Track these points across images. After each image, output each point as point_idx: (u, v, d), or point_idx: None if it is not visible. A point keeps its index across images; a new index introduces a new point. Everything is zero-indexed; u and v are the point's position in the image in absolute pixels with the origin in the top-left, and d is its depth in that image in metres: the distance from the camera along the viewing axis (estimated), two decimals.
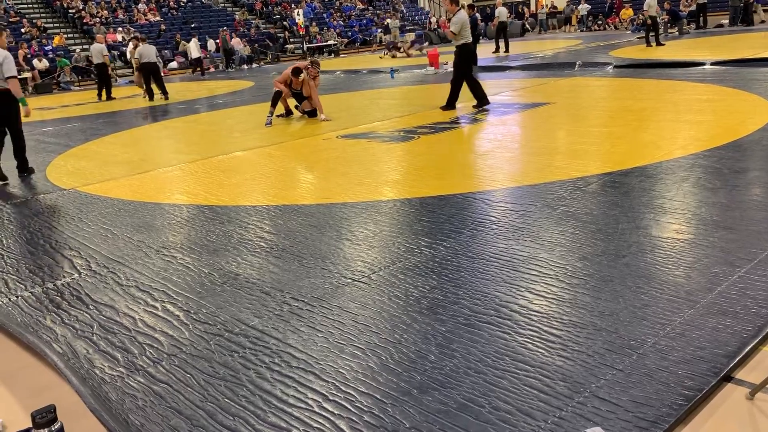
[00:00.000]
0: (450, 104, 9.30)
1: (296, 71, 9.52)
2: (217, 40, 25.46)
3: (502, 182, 5.20)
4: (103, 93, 15.83)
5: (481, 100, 9.26)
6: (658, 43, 16.59)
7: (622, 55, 14.98)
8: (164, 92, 15.13)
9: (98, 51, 15.84)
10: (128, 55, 17.07)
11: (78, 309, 3.42)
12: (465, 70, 9.20)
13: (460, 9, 9.14)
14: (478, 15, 16.89)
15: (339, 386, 2.46)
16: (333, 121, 9.26)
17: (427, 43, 24.30)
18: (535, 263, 3.44)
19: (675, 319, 2.71)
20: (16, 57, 21.32)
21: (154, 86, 15.16)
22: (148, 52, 15.27)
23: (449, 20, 9.62)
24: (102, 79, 15.79)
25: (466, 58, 9.23)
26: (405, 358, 2.61)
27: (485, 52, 18.97)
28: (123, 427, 2.33)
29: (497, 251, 3.66)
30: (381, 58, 23.24)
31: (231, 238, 4.38)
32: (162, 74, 16.32)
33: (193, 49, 23.32)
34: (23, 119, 7.09)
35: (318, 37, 29.75)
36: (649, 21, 16.80)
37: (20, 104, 6.93)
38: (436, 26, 32.17)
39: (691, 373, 2.33)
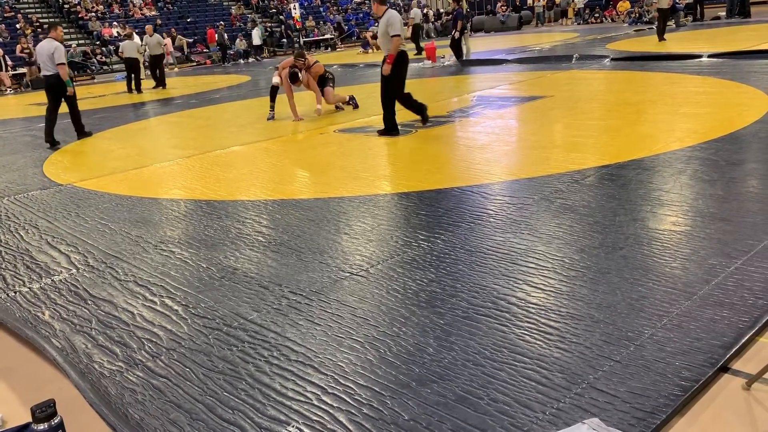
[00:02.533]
0: (392, 127, 7.39)
1: (293, 77, 9.12)
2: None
3: (500, 175, 5.20)
4: (133, 85, 16.32)
5: (423, 112, 7.69)
6: (664, 37, 15.98)
7: (620, 48, 14.97)
8: (137, 89, 15.94)
9: (133, 47, 16.19)
10: (143, 48, 17.23)
11: (76, 304, 3.42)
12: (397, 83, 7.37)
13: (388, 8, 7.38)
14: (464, 6, 16.89)
15: (338, 379, 2.47)
16: (331, 116, 9.24)
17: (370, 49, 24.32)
18: (532, 256, 3.44)
19: (672, 311, 2.72)
20: (13, 51, 21.30)
21: (145, 80, 16.36)
22: (129, 47, 16.03)
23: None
24: (135, 72, 16.19)
25: (401, 68, 7.32)
26: (403, 350, 2.62)
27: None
28: (122, 421, 2.34)
29: (495, 244, 3.67)
30: (358, 54, 23.33)
31: (229, 232, 4.38)
32: (141, 69, 16.96)
33: (255, 36, 25.70)
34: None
35: (315, 30, 29.67)
36: (656, 13, 16.28)
37: (66, 86, 8.57)
38: (433, 20, 32.10)
39: (688, 364, 2.34)
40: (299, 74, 9.13)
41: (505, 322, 2.76)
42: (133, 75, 16.09)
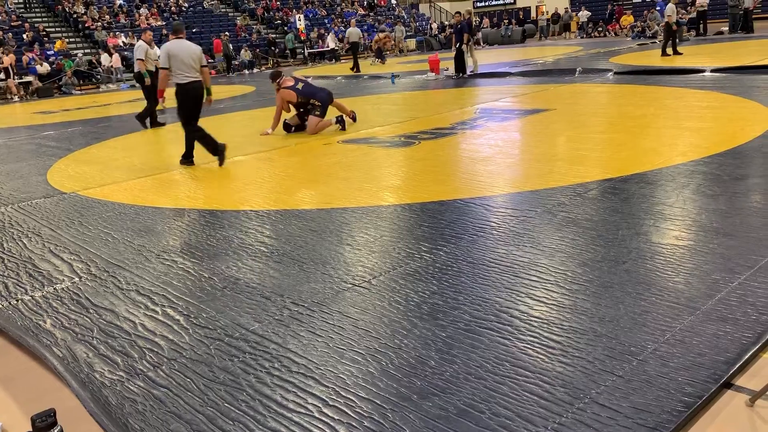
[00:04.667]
0: (188, 155, 7.31)
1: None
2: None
3: (503, 188, 5.21)
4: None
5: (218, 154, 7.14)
6: (668, 52, 15.63)
7: (623, 62, 15.02)
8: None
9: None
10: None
11: (78, 313, 3.42)
12: (187, 116, 7.20)
13: (174, 38, 7.12)
14: (472, 20, 16.82)
15: (339, 391, 2.46)
16: (331, 127, 9.26)
17: (378, 60, 24.50)
18: (535, 269, 3.44)
19: (675, 326, 2.71)
20: (19, 60, 21.44)
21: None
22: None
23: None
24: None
25: (183, 103, 7.10)
26: (405, 363, 2.61)
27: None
28: (122, 431, 2.33)
29: (497, 257, 3.67)
30: (371, 64, 23.68)
31: (231, 242, 4.38)
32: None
33: (330, 41, 27.18)
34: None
35: (319, 42, 29.81)
36: (675, 27, 15.78)
37: (144, 77, 10.38)
38: (437, 32, 32.25)
39: (691, 380, 2.33)
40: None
41: (507, 336, 2.75)
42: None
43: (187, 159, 7.35)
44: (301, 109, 9.01)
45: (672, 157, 5.65)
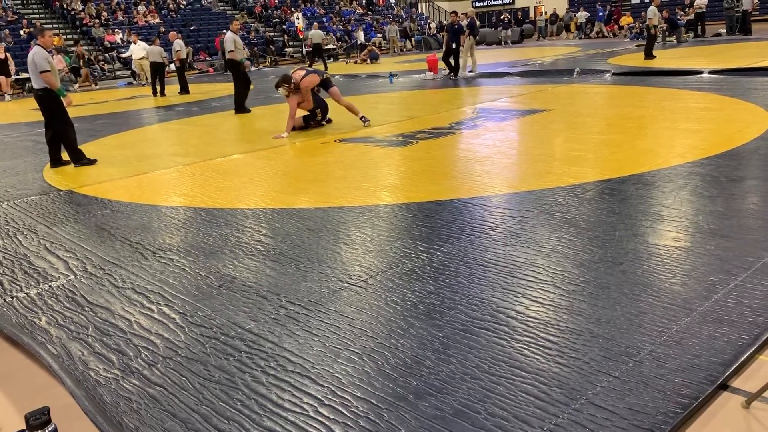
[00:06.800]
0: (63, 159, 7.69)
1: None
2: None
3: (500, 188, 5.20)
4: (158, 89, 16.92)
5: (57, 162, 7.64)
6: (653, 54, 15.64)
7: (621, 63, 15.03)
8: (162, 91, 16.79)
9: (158, 52, 16.98)
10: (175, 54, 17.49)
11: (73, 311, 3.41)
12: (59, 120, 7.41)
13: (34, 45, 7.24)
14: (475, 20, 16.69)
15: (335, 391, 2.45)
16: (330, 126, 9.25)
17: (376, 59, 24.73)
18: (532, 269, 3.43)
19: (671, 327, 2.71)
20: (17, 56, 21.34)
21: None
22: (153, 52, 16.97)
23: None
24: (161, 77, 16.94)
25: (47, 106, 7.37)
26: (401, 363, 2.61)
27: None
28: (117, 430, 2.32)
29: (494, 257, 3.66)
30: (355, 63, 24.67)
31: (228, 241, 4.37)
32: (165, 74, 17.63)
33: (360, 36, 27.95)
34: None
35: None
36: (653, 30, 15.82)
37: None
38: (435, 32, 32.26)
39: (687, 381, 2.33)
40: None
41: (503, 336, 2.75)
42: (158, 78, 16.79)
43: (70, 159, 7.60)
44: (314, 105, 9.04)
45: (669, 158, 5.65)
